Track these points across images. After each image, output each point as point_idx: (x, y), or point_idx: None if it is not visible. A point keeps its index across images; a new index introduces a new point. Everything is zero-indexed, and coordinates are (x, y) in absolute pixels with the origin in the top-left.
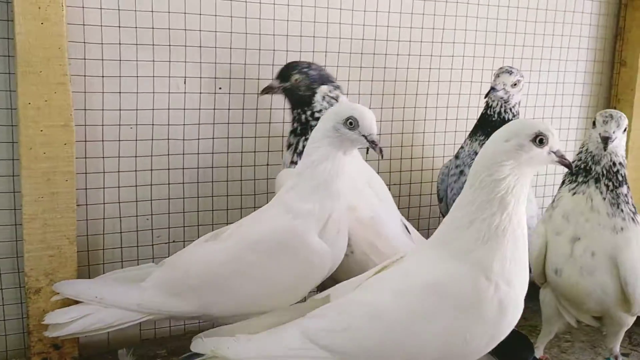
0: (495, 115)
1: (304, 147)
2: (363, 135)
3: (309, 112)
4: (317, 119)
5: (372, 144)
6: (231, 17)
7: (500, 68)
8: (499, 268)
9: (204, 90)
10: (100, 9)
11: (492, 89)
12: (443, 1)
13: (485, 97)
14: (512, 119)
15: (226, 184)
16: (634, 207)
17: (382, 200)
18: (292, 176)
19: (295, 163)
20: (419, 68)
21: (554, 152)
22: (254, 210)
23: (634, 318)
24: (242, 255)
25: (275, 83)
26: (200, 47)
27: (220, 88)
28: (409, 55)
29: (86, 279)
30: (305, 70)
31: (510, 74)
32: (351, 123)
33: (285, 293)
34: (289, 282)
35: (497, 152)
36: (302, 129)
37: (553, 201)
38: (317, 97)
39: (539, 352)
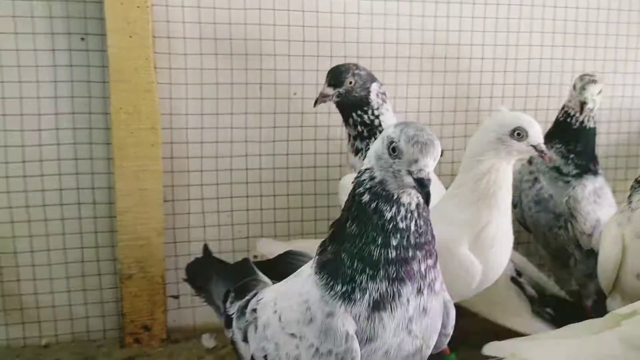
0: (577, 124)
1: None
2: (532, 146)
3: (369, 112)
4: (378, 116)
5: (541, 153)
6: (303, 26)
7: (583, 78)
8: None
9: (279, 96)
10: (183, 22)
11: (584, 103)
12: (505, 4)
13: (580, 115)
14: (594, 126)
15: (300, 183)
16: None
17: None
18: (452, 188)
19: None
20: (481, 71)
21: None
22: (326, 210)
23: None
24: None
25: (329, 90)
26: (274, 55)
27: (295, 94)
28: (471, 58)
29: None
30: (356, 71)
31: (596, 83)
32: (519, 134)
33: None
34: None
35: None
36: (368, 131)
37: (630, 202)
38: (372, 95)
39: None
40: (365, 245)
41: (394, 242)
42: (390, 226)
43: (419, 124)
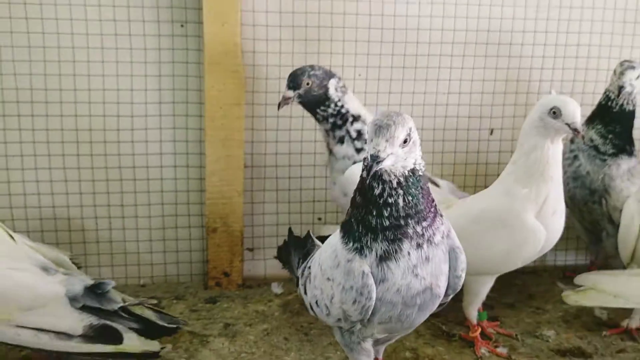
0: (617, 107)
1: (357, 131)
2: (566, 124)
3: (332, 105)
4: (342, 106)
5: (575, 131)
6: (370, 15)
7: (622, 64)
8: None
9: (346, 77)
10: (266, 12)
11: (621, 87)
12: None
13: (618, 98)
14: (633, 110)
15: None
16: None
17: None
18: (508, 164)
19: (362, 149)
20: (531, 56)
21: None
22: None
23: None
24: (465, 225)
25: (290, 93)
26: (343, 40)
27: (359, 75)
28: (522, 44)
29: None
30: (312, 72)
31: (634, 69)
32: (554, 112)
33: (498, 262)
34: (502, 254)
35: None
36: (340, 118)
37: None
38: (331, 91)
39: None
40: (366, 214)
41: (385, 214)
42: (381, 201)
43: (397, 112)
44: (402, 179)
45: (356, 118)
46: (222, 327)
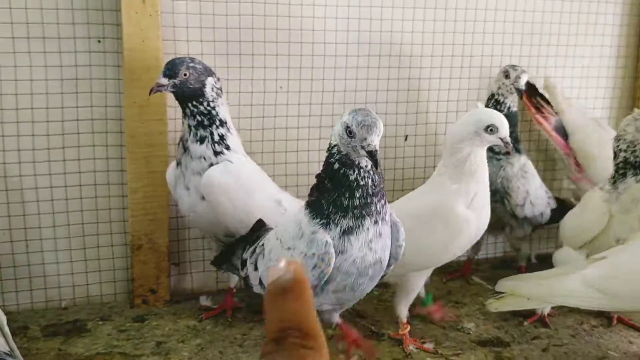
0: (506, 110)
1: (220, 135)
2: (500, 138)
3: (205, 103)
4: (214, 107)
5: (507, 144)
6: (289, 30)
7: (516, 68)
8: None
9: (268, 90)
10: (187, 27)
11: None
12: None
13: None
14: (513, 112)
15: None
16: None
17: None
18: (439, 166)
19: (221, 153)
20: (440, 67)
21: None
22: None
23: None
24: (403, 221)
25: (164, 81)
26: (264, 55)
27: (281, 87)
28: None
29: None
30: (191, 64)
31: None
32: (492, 130)
33: (438, 252)
34: (441, 244)
35: None
36: (208, 119)
37: (616, 188)
38: (207, 89)
39: None
40: (338, 197)
41: (357, 195)
42: (355, 184)
43: (365, 109)
44: (369, 164)
45: (223, 123)
46: (154, 345)
